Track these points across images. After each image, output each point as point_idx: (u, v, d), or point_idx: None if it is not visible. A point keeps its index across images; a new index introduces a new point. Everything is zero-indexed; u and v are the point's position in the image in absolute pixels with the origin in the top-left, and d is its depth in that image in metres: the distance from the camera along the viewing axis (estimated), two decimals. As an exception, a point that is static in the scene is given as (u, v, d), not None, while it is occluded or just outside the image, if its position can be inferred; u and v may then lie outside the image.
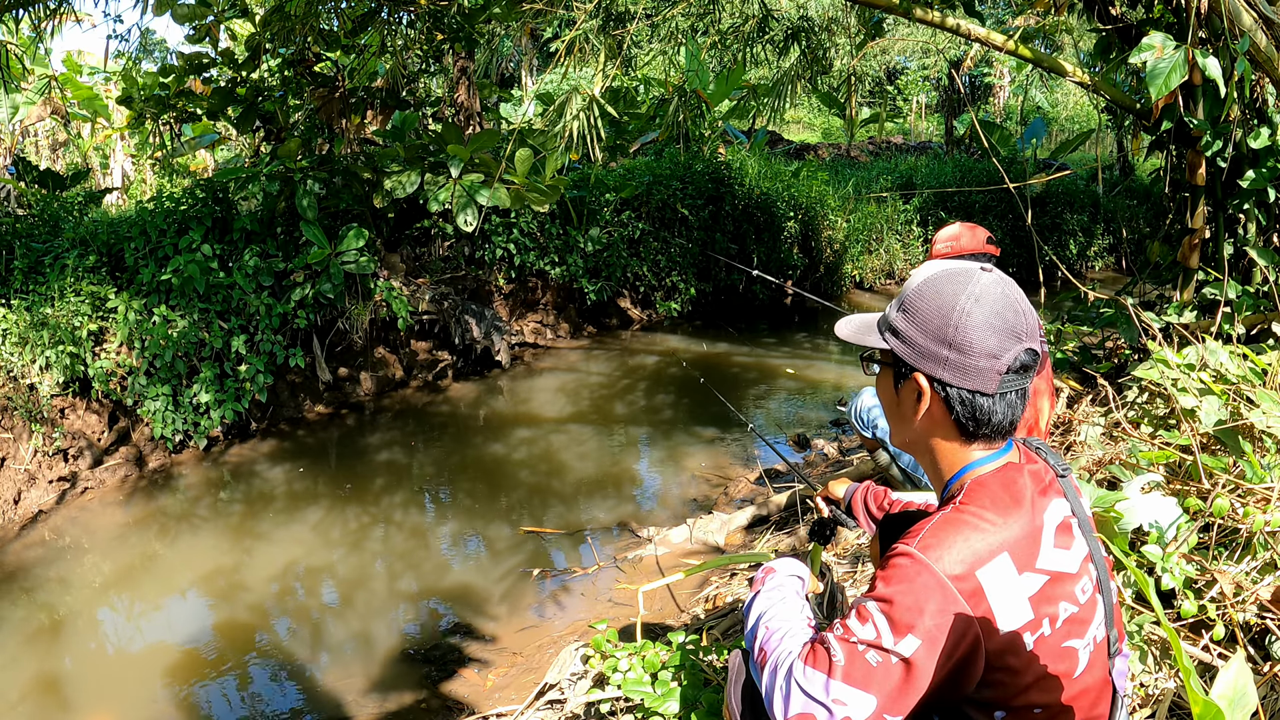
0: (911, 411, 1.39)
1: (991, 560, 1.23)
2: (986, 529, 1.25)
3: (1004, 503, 1.29)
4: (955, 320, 1.30)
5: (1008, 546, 1.25)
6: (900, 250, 11.16)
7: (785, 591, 1.53)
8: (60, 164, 12.73)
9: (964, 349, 1.30)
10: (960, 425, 1.35)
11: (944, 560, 1.22)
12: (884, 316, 1.44)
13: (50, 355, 5.44)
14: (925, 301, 1.34)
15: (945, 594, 1.21)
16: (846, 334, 1.48)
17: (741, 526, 4.45)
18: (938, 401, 1.35)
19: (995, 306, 1.31)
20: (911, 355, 1.35)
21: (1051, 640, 1.27)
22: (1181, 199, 4.36)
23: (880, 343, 1.41)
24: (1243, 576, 2.15)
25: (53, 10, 6.31)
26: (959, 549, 1.23)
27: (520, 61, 20.85)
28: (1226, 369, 3.03)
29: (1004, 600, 1.23)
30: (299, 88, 7.05)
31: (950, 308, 1.31)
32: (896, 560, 1.26)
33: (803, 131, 24.00)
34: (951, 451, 1.38)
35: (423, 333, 7.57)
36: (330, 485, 5.55)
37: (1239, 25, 3.84)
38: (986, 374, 1.30)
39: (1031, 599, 1.25)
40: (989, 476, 1.33)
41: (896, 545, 1.28)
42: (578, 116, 4.95)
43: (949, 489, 1.38)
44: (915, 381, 1.36)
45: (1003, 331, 1.30)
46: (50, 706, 3.55)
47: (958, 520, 1.27)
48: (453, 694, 3.41)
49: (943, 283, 1.34)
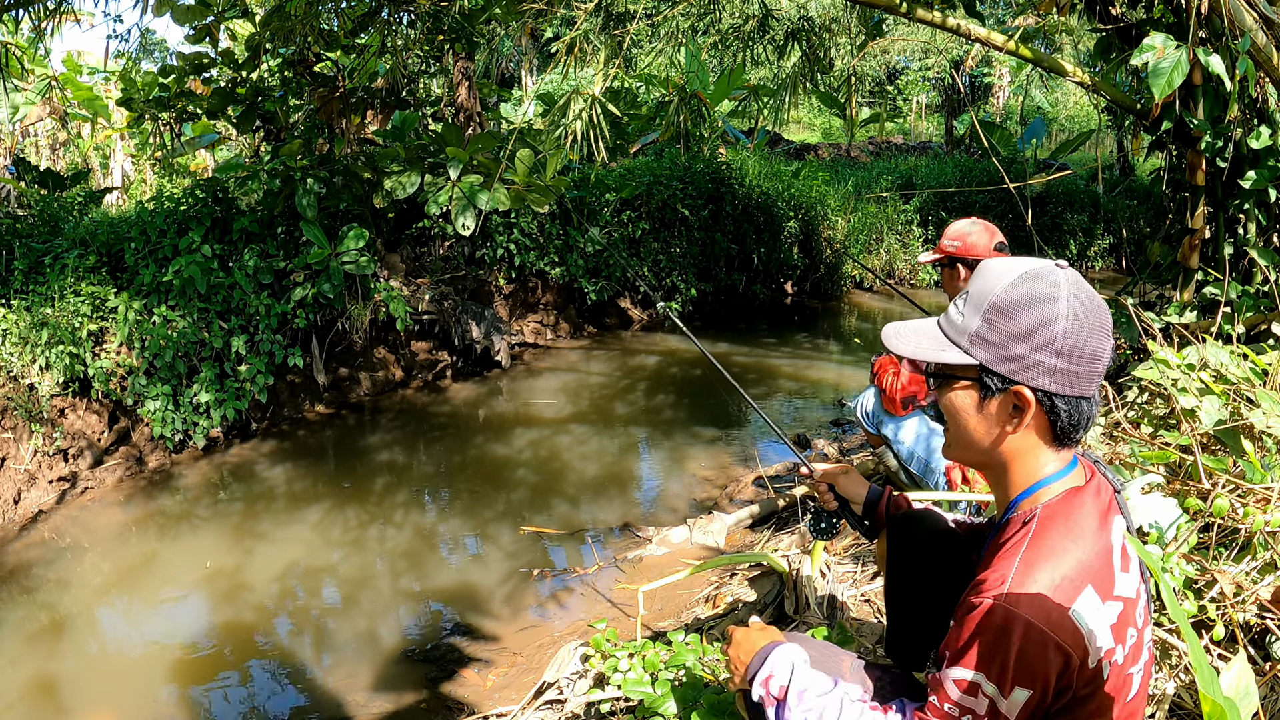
0: (1002, 426, 1.31)
1: (1079, 596, 1.19)
2: (1068, 561, 1.21)
3: (1079, 527, 1.25)
4: (1061, 326, 1.24)
5: (1090, 578, 1.21)
6: (900, 250, 11.16)
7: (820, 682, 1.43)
8: (60, 164, 12.72)
9: (1073, 355, 1.24)
10: (1058, 434, 1.29)
11: (1038, 607, 1.18)
12: (955, 325, 1.33)
13: (50, 355, 5.44)
14: (1019, 308, 1.26)
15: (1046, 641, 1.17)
16: (908, 349, 1.37)
17: (742, 526, 4.45)
18: (1039, 413, 1.28)
19: (1090, 305, 1.25)
20: (1011, 368, 1.27)
21: (1121, 667, 1.24)
22: (1181, 199, 4.36)
23: (962, 357, 1.31)
24: (1243, 576, 2.15)
25: (53, 10, 6.31)
26: (1048, 590, 1.19)
27: (520, 61, 20.86)
28: (1227, 369, 3.03)
29: (1095, 633, 1.20)
30: (299, 88, 7.05)
31: (1053, 313, 1.24)
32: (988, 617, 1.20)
33: (803, 131, 23.99)
34: (1030, 464, 1.32)
35: (423, 333, 7.57)
36: (330, 485, 5.55)
37: (1240, 25, 3.84)
38: (1091, 378, 1.26)
39: (1113, 628, 1.22)
40: (1060, 504, 1.28)
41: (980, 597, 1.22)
42: (580, 116, 4.95)
43: (1016, 507, 1.33)
44: (1017, 395, 1.27)
45: (1100, 330, 1.26)
46: (50, 706, 3.55)
47: (1038, 559, 1.22)
48: (453, 694, 3.41)
49: (1031, 285, 1.26)
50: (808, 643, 1.61)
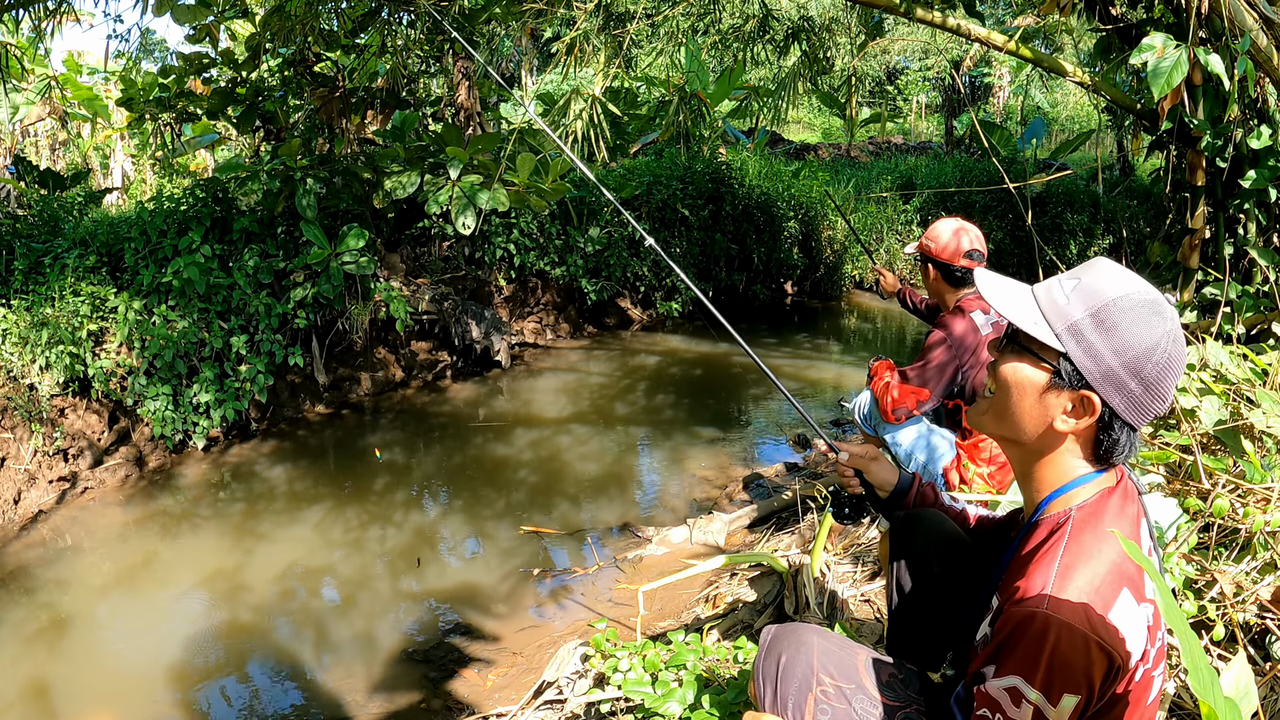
0: (1054, 419, 1.30)
1: (1117, 600, 1.20)
2: (1105, 565, 1.21)
3: (1112, 530, 1.25)
4: (1156, 359, 1.24)
5: (1126, 580, 1.21)
6: (901, 250, 11.16)
7: None
8: (60, 164, 12.73)
9: (1151, 389, 1.25)
10: (1099, 452, 1.30)
11: (1080, 614, 1.17)
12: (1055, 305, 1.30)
13: (50, 355, 5.44)
14: (1131, 323, 1.25)
15: (1090, 645, 1.16)
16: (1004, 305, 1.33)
17: (742, 526, 4.45)
18: (1093, 425, 1.29)
19: (1181, 349, 1.26)
20: (1095, 373, 1.26)
21: (1150, 670, 1.25)
22: (1181, 199, 4.36)
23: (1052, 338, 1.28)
24: (1243, 576, 2.15)
25: (53, 10, 6.31)
26: (1087, 594, 1.18)
27: (520, 61, 20.86)
28: (1227, 369, 3.03)
29: (1132, 636, 1.20)
30: (299, 88, 7.05)
31: (1154, 344, 1.24)
32: (1032, 627, 1.19)
33: (803, 131, 24.00)
34: (1064, 464, 1.32)
35: (422, 333, 7.57)
36: (330, 485, 5.55)
37: (1240, 25, 3.84)
38: (1151, 415, 1.27)
39: (1149, 629, 1.22)
40: (1094, 506, 1.29)
41: (1019, 606, 1.21)
42: (580, 116, 4.95)
43: (1046, 508, 1.33)
44: (1085, 400, 1.27)
45: (1179, 376, 1.27)
46: (50, 706, 3.55)
47: (1077, 564, 1.22)
48: (453, 694, 3.41)
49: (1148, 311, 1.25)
50: (826, 635, 1.60)
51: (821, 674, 1.48)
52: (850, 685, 1.47)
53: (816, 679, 1.47)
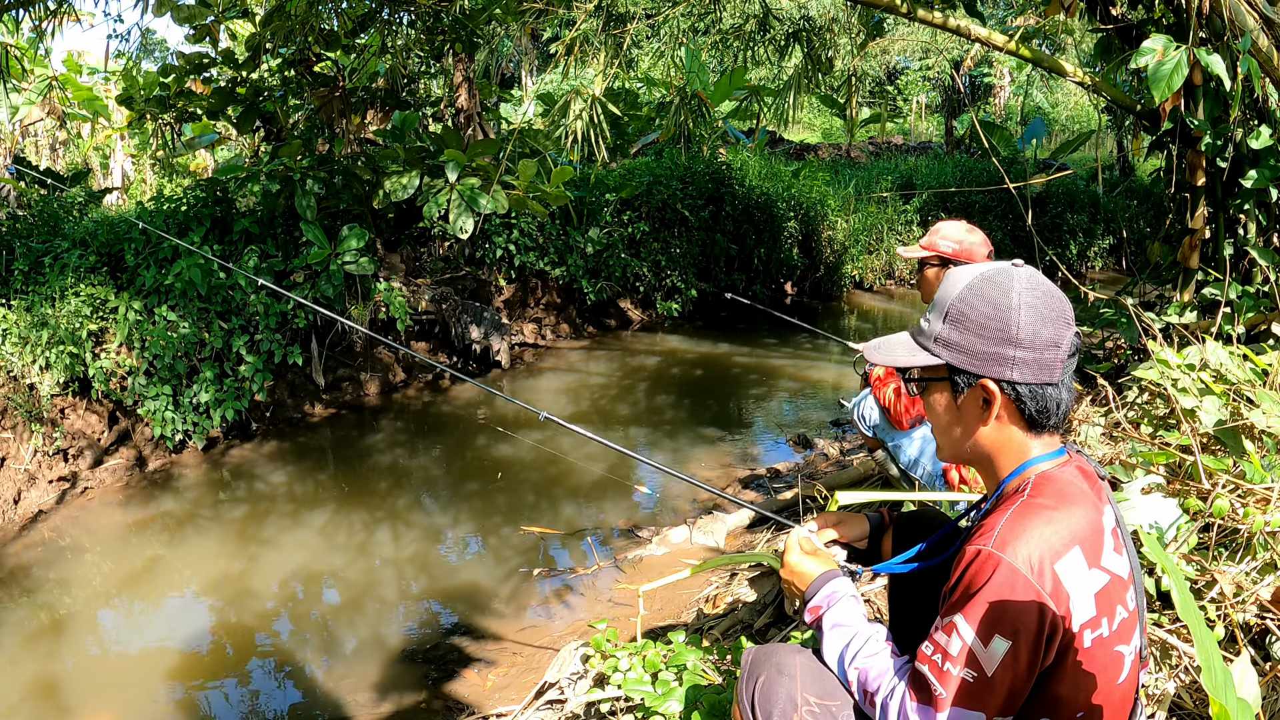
0: (976, 420, 1.38)
1: (1066, 554, 1.24)
2: (1059, 521, 1.26)
3: (1071, 497, 1.29)
4: (1014, 318, 1.31)
5: (1078, 540, 1.25)
6: (901, 251, 11.15)
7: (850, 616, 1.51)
8: (60, 164, 12.72)
9: (1028, 344, 1.31)
10: (1030, 420, 1.35)
11: (1022, 555, 1.22)
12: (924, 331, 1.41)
13: (50, 355, 5.44)
14: (975, 307, 1.34)
15: (1028, 589, 1.21)
16: (882, 359, 1.45)
17: (742, 526, 4.45)
18: (1007, 403, 1.34)
19: (1044, 296, 1.32)
20: (973, 363, 1.35)
21: (1108, 642, 1.27)
22: (1182, 199, 4.36)
23: (930, 359, 1.39)
24: (1243, 577, 2.15)
25: (53, 10, 6.30)
26: (1035, 542, 1.23)
27: (520, 62, 20.85)
28: (1227, 369, 3.03)
29: (1077, 594, 1.24)
30: (299, 88, 7.05)
31: (1005, 306, 1.32)
32: (974, 563, 1.26)
33: (803, 132, 23.98)
34: (1014, 449, 1.38)
35: (422, 333, 7.57)
36: (330, 486, 5.55)
37: (1240, 25, 3.84)
38: (1052, 365, 1.32)
39: (1097, 595, 1.25)
40: (1054, 471, 1.34)
41: (968, 546, 1.28)
42: (580, 117, 4.95)
43: (1008, 483, 1.38)
44: (982, 388, 1.35)
45: (1056, 320, 1.32)
46: (51, 707, 3.55)
47: (1029, 514, 1.27)
48: (453, 694, 3.41)
49: (986, 285, 1.34)
50: (806, 654, 1.60)
51: (806, 693, 1.48)
52: (835, 702, 1.46)
53: (801, 698, 1.47)
